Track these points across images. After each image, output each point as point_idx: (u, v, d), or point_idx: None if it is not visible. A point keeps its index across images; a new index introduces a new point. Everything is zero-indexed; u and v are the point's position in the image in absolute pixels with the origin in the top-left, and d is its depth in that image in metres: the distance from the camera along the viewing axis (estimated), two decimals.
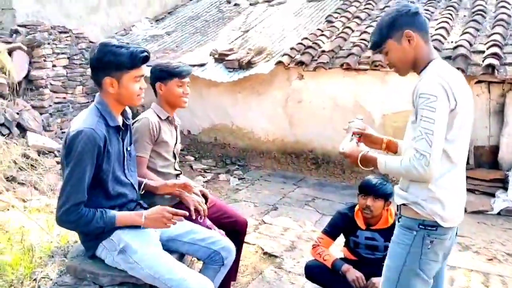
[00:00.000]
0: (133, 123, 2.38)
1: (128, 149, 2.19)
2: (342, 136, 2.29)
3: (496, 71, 4.92)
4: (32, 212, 3.75)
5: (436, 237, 1.87)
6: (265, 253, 3.83)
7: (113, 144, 2.02)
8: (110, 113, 2.03)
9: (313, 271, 3.11)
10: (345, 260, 3.16)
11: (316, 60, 5.84)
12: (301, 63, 5.83)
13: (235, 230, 2.69)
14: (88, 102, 7.10)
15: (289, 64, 5.93)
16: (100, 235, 2.02)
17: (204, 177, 6.00)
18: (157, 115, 2.58)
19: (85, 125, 1.92)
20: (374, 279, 2.89)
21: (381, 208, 2.99)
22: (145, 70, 2.08)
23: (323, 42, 6.30)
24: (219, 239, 2.32)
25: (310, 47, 6.14)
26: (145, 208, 2.17)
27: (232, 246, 2.34)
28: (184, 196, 2.47)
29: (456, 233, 2.00)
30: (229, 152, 6.82)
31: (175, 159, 2.71)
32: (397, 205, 2.01)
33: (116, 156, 2.06)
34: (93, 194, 1.96)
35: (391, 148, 2.28)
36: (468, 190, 5.46)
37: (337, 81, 5.86)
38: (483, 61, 5.09)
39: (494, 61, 4.96)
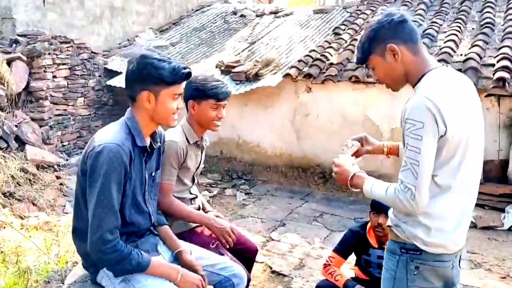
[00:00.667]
0: None
1: (153, 174, 2.07)
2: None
3: (507, 84, 4.84)
4: (30, 230, 3.67)
5: (422, 263, 1.70)
6: (273, 272, 3.74)
7: (136, 166, 1.90)
8: (140, 132, 1.91)
9: None
10: (356, 279, 3.07)
11: (324, 72, 5.78)
12: (309, 75, 5.77)
13: (245, 257, 2.54)
14: (90, 114, 7.05)
15: (297, 77, 5.87)
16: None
17: (210, 192, 5.91)
18: (186, 136, 2.35)
19: (111, 140, 1.79)
20: None
21: None
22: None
23: (330, 55, 6.24)
24: (231, 265, 2.20)
25: (318, 59, 6.08)
26: (156, 235, 2.07)
27: (243, 273, 2.22)
28: (216, 229, 2.34)
29: (460, 258, 1.83)
30: (236, 166, 6.74)
31: (193, 182, 2.55)
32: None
33: (138, 180, 1.93)
34: None
35: (393, 152, 2.18)
36: (478, 205, 5.37)
37: (345, 94, 5.79)
38: (493, 75, 5.01)
39: (505, 74, 4.88)
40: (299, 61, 6.16)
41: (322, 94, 5.96)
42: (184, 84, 1.94)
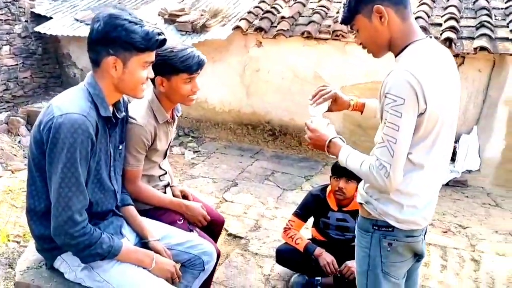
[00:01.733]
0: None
1: (120, 147, 1.85)
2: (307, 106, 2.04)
3: (453, 45, 4.94)
4: None
5: (395, 239, 1.70)
6: (229, 235, 3.68)
7: (101, 138, 1.66)
8: (103, 100, 1.66)
9: (284, 256, 3.02)
10: (313, 240, 3.10)
11: (275, 26, 5.58)
12: (260, 29, 5.54)
13: (211, 230, 2.41)
14: (17, 64, 6.40)
15: (247, 30, 5.62)
16: (59, 247, 1.67)
17: None
18: (154, 115, 2.05)
19: (76, 109, 1.54)
20: (349, 263, 2.85)
21: (353, 190, 2.92)
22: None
23: (281, 7, 6.03)
24: (200, 242, 2.07)
25: (268, 11, 5.84)
26: (120, 216, 1.89)
27: (213, 250, 2.10)
28: (188, 215, 2.22)
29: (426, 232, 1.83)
30: (182, 123, 6.47)
31: (164, 157, 2.30)
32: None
33: (103, 154, 1.71)
34: None
35: (358, 110, 2.11)
36: None
37: (297, 50, 5.66)
38: (440, 35, 5.08)
39: (452, 35, 4.97)
40: (249, 12, 5.89)
41: (273, 49, 5.78)
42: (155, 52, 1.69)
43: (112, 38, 1.57)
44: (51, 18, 6.66)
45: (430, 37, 1.67)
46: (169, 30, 6.09)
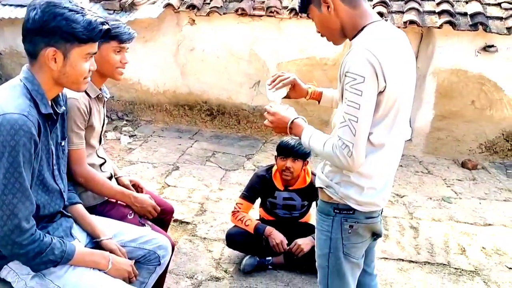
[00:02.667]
0: None
1: (62, 144, 1.71)
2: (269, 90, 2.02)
3: (384, 19, 5.05)
4: None
5: (356, 221, 1.73)
6: (175, 221, 3.59)
7: (42, 138, 1.52)
8: (43, 96, 1.52)
9: (235, 239, 3.03)
10: (262, 220, 3.13)
11: (208, 3, 5.41)
12: (192, 6, 5.34)
13: (161, 219, 2.35)
14: None
15: (179, 8, 5.40)
16: (4, 256, 1.54)
17: None
18: (86, 91, 1.94)
19: (15, 109, 1.41)
20: (299, 241, 2.90)
21: (300, 169, 2.95)
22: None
23: None
24: (154, 237, 2.00)
25: None
26: (68, 217, 1.76)
27: (168, 243, 2.04)
28: (137, 207, 2.14)
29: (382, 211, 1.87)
30: (114, 106, 6.18)
31: (100, 143, 2.20)
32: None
33: (44, 153, 1.57)
34: None
35: (315, 98, 2.17)
36: None
37: (231, 27, 5.54)
38: (372, 9, 5.18)
39: (383, 9, 5.09)
40: None
41: (207, 27, 5.62)
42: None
43: (51, 28, 1.44)
44: None
45: (386, 20, 1.67)
46: (95, 9, 5.71)
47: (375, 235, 1.87)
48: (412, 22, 4.86)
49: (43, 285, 1.59)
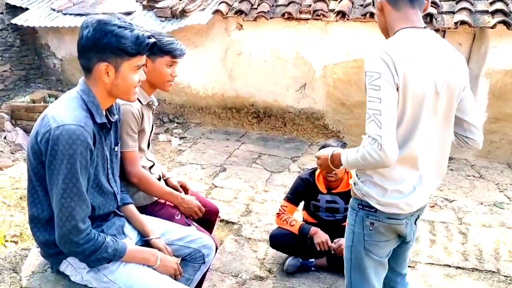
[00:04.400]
0: None
1: (115, 149, 1.86)
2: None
3: (434, 20, 4.96)
4: None
5: (377, 219, 1.77)
6: (222, 221, 3.72)
7: (97, 145, 1.67)
8: (98, 107, 1.66)
9: (278, 240, 3.08)
10: (305, 223, 3.15)
11: (255, 8, 5.52)
12: (240, 12, 5.48)
13: (207, 220, 2.48)
14: None
15: (227, 13, 5.55)
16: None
17: None
18: (138, 98, 2.06)
19: (72, 120, 1.54)
20: (342, 240, 2.90)
21: (343, 171, 2.97)
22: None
23: None
24: (199, 236, 2.12)
25: None
26: (121, 216, 1.91)
27: (212, 243, 2.15)
28: (184, 208, 2.28)
29: (418, 218, 1.88)
30: (166, 109, 6.44)
31: (148, 147, 2.35)
32: None
33: (100, 159, 1.72)
34: None
35: None
36: None
37: (278, 31, 5.63)
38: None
39: (432, 10, 4.99)
40: None
41: (254, 32, 5.74)
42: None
43: (102, 45, 1.56)
44: (27, 9, 6.48)
45: (424, 27, 1.71)
46: (148, 17, 5.99)
47: (403, 237, 1.88)
48: (463, 22, 4.73)
49: (97, 279, 1.74)
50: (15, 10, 6.48)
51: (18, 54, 6.65)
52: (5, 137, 5.10)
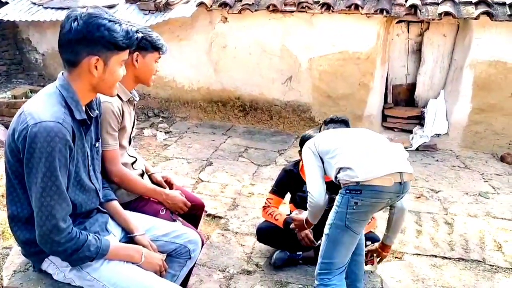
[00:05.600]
0: None
1: (96, 145, 1.82)
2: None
3: (418, 11, 4.97)
4: None
5: (360, 199, 2.12)
6: (208, 215, 3.69)
7: (77, 141, 1.63)
8: (78, 103, 1.62)
9: (265, 234, 3.07)
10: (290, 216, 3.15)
11: (240, 1, 5.47)
12: (224, 4, 5.43)
13: (192, 214, 2.46)
14: None
15: (211, 6, 5.49)
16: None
17: None
18: (118, 94, 2.01)
19: (50, 117, 1.50)
20: None
21: None
22: None
23: None
24: (184, 231, 2.09)
25: None
26: (104, 213, 1.87)
27: (198, 238, 2.13)
28: (169, 204, 2.27)
29: (403, 191, 2.20)
30: (151, 103, 6.37)
31: (130, 144, 2.31)
32: None
33: (80, 156, 1.68)
34: None
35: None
36: (388, 128, 5.74)
37: (263, 24, 5.59)
38: (405, 1, 5.11)
39: (417, 1, 5.00)
40: None
41: (239, 24, 5.69)
42: None
43: (95, 38, 1.53)
44: (6, 3, 6.33)
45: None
46: (131, 10, 5.90)
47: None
48: (447, 13, 4.76)
49: (80, 277, 1.70)
50: None
51: None
52: None
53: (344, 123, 2.76)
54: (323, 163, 2.34)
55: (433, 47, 5.61)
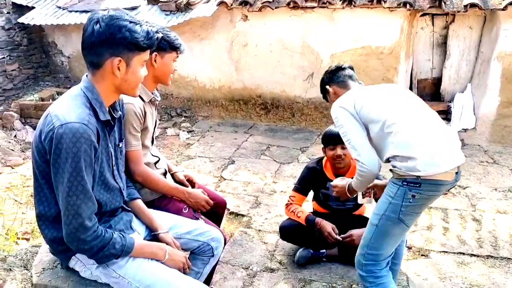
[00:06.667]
0: None
1: (120, 145, 1.86)
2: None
3: (443, 4, 4.86)
4: None
5: (419, 192, 1.97)
6: (231, 213, 3.70)
7: (102, 142, 1.67)
8: (102, 104, 1.66)
9: (288, 231, 3.06)
10: (315, 213, 3.12)
11: None
12: (245, 3, 5.42)
13: (215, 212, 2.48)
14: (4, 57, 6.25)
15: (232, 4, 5.50)
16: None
17: None
18: (140, 95, 2.07)
19: (76, 118, 1.54)
20: (354, 232, 2.86)
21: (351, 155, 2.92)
22: None
23: None
24: (207, 229, 2.11)
25: None
26: (128, 211, 1.90)
27: (221, 236, 2.15)
28: (191, 202, 2.29)
29: (457, 180, 2.08)
30: (173, 103, 6.43)
31: (153, 143, 2.34)
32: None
33: (105, 156, 1.71)
34: None
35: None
36: None
37: (284, 21, 5.56)
38: None
39: None
40: None
41: (259, 22, 5.68)
42: None
43: (117, 40, 1.56)
44: (33, 7, 6.48)
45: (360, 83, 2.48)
46: (153, 11, 5.96)
47: None
48: (473, 5, 4.63)
49: (106, 274, 1.75)
50: (22, 9, 6.48)
51: (26, 53, 6.67)
52: (15, 136, 5.13)
53: (351, 69, 2.60)
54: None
55: (459, 40, 5.48)
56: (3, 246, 2.59)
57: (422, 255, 3.14)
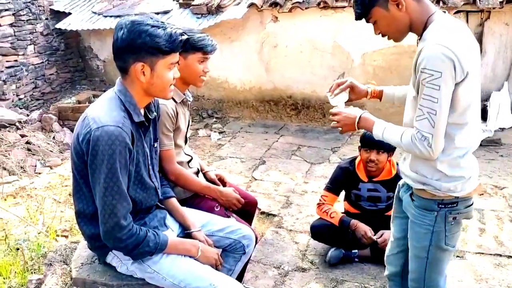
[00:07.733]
0: None
1: (155, 145, 1.92)
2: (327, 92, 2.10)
3: (478, 0, 4.75)
4: (6, 199, 3.45)
5: (459, 213, 1.79)
6: (262, 213, 3.73)
7: (137, 143, 1.73)
8: (135, 106, 1.71)
9: (319, 231, 3.06)
10: (347, 213, 3.12)
11: None
12: (275, 4, 5.45)
13: (246, 211, 2.51)
14: (43, 62, 6.48)
15: (262, 6, 5.54)
16: None
17: None
18: (172, 97, 2.06)
19: (111, 121, 1.60)
20: (386, 232, 2.84)
21: (385, 161, 2.91)
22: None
23: None
24: (239, 227, 2.15)
25: None
26: (163, 209, 1.96)
27: (252, 234, 2.18)
28: (223, 200, 2.32)
29: None
30: (205, 105, 6.52)
31: (186, 143, 2.40)
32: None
33: (141, 156, 1.78)
34: None
35: (376, 96, 2.17)
36: None
37: (314, 21, 5.55)
38: None
39: None
40: None
41: (289, 23, 5.69)
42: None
43: (137, 45, 1.60)
44: (69, 13, 6.72)
45: (444, 12, 1.73)
46: (185, 14, 6.07)
47: None
48: (509, 1, 4.53)
49: (141, 270, 1.81)
50: (59, 15, 6.72)
51: (63, 57, 6.91)
52: (53, 137, 5.31)
53: None
54: None
55: (495, 37, 5.33)
56: (43, 242, 2.70)
57: (457, 256, 3.08)
